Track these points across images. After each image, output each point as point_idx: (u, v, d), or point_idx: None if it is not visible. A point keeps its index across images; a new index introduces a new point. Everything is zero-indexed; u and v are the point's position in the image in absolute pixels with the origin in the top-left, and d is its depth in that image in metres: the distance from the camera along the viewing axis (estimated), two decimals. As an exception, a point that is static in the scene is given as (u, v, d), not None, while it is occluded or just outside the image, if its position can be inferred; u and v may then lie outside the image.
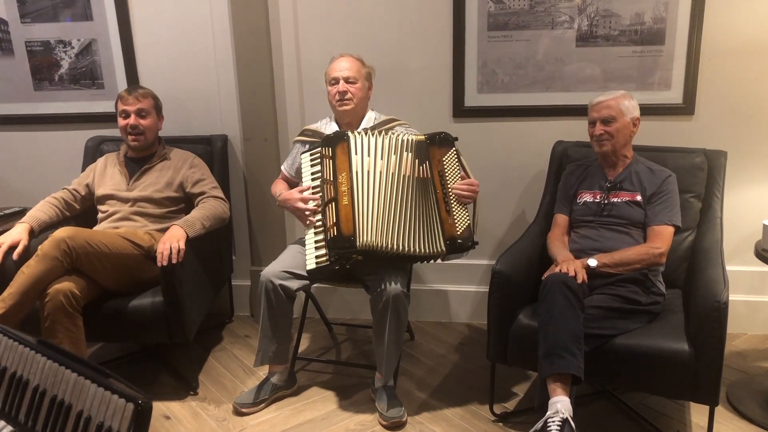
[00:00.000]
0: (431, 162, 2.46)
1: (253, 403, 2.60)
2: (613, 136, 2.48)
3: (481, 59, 3.05)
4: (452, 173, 2.47)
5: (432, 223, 2.43)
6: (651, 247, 2.37)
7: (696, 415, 2.48)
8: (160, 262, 2.46)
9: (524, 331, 2.32)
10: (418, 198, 2.44)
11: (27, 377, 1.38)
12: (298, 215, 2.55)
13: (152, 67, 3.28)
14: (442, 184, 2.45)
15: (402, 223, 2.40)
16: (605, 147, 2.51)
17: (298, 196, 2.52)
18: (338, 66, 2.63)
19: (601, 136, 2.50)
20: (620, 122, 2.48)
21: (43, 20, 3.28)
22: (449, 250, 2.42)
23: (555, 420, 2.01)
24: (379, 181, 2.43)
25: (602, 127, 2.49)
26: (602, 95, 2.53)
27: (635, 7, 2.88)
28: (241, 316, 3.51)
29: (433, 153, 2.47)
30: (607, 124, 2.48)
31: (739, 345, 3.03)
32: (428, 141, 2.49)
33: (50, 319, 2.38)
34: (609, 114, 2.47)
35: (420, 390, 2.75)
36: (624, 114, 2.48)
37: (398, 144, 2.47)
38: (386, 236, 2.38)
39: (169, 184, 2.85)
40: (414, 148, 2.47)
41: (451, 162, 2.49)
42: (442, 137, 2.50)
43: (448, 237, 2.42)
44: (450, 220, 2.42)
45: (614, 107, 2.47)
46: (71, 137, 3.37)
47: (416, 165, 2.46)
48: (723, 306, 2.04)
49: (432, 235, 2.43)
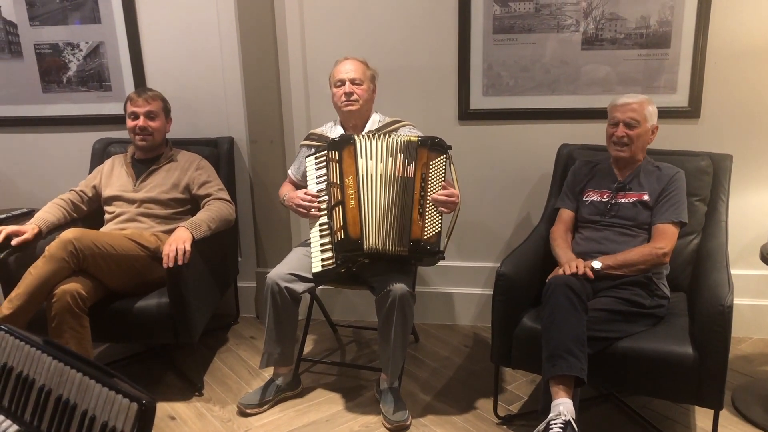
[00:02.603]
0: (417, 163, 2.46)
1: (257, 404, 2.61)
2: (633, 141, 2.46)
3: (487, 62, 3.05)
4: (435, 179, 2.45)
5: (404, 223, 2.43)
6: (654, 247, 2.37)
7: (701, 419, 2.48)
8: (166, 264, 2.47)
9: (528, 333, 2.32)
10: (399, 196, 2.45)
11: (33, 377, 1.39)
12: (300, 210, 2.56)
13: (159, 69, 3.31)
14: (422, 186, 2.44)
15: (389, 222, 2.43)
16: (623, 153, 2.48)
17: (301, 194, 2.55)
18: (343, 68, 2.64)
19: (622, 138, 2.46)
20: (642, 128, 2.45)
21: (52, 23, 3.31)
22: (410, 251, 2.41)
23: (557, 422, 2.01)
24: (381, 183, 2.45)
25: (625, 130, 2.46)
26: (627, 96, 2.49)
27: (641, 10, 2.88)
28: (246, 318, 3.52)
29: (420, 154, 2.46)
30: (630, 127, 2.45)
31: (745, 349, 3.02)
32: (419, 142, 2.48)
33: (57, 319, 2.40)
34: (634, 117, 2.44)
35: (424, 392, 2.75)
36: (647, 120, 2.46)
37: (394, 145, 2.48)
38: (386, 238, 2.40)
39: (176, 185, 2.87)
40: (405, 148, 2.48)
41: (438, 168, 2.46)
42: (436, 142, 2.48)
43: (413, 239, 2.41)
44: (420, 223, 2.41)
45: (639, 111, 2.44)
46: (79, 139, 3.39)
47: (405, 164, 2.46)
48: (727, 310, 2.03)
49: (401, 234, 2.42)
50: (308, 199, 2.55)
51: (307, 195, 2.56)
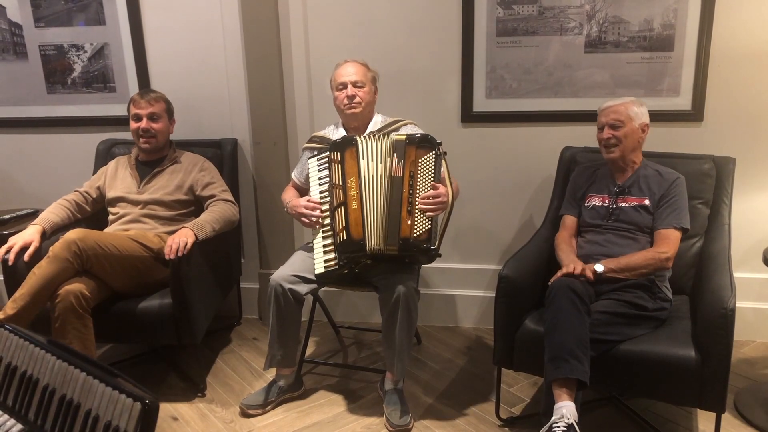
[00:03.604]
0: (405, 161, 2.46)
1: (260, 405, 2.62)
2: (621, 141, 2.48)
3: (490, 64, 3.05)
4: (425, 176, 2.44)
5: (394, 221, 2.43)
6: (657, 252, 2.37)
7: (703, 422, 2.48)
8: (168, 255, 2.49)
9: (531, 336, 2.32)
10: (388, 195, 2.45)
11: (37, 376, 1.40)
12: (303, 219, 2.56)
13: (163, 71, 3.32)
14: (411, 185, 2.44)
15: (380, 222, 2.43)
16: (614, 154, 2.51)
17: (303, 203, 2.55)
18: (345, 71, 2.65)
19: (609, 140, 2.50)
20: (628, 127, 2.48)
21: (57, 24, 3.32)
22: (400, 250, 2.41)
23: (560, 425, 2.01)
24: (379, 184, 2.46)
25: (610, 131, 2.49)
26: (611, 100, 2.54)
27: (644, 13, 2.88)
28: (249, 319, 3.53)
29: (409, 152, 2.47)
30: (614, 128, 2.49)
31: (747, 352, 3.02)
32: (407, 140, 2.48)
33: (61, 319, 2.41)
34: (617, 118, 2.48)
35: (426, 394, 2.75)
36: (632, 119, 2.48)
37: (388, 145, 2.49)
38: (378, 237, 2.41)
39: (179, 187, 2.88)
40: (394, 147, 2.48)
41: (427, 166, 2.45)
42: (426, 138, 2.48)
43: (402, 237, 2.41)
44: (409, 221, 2.41)
45: (622, 112, 2.48)
46: (83, 140, 3.41)
47: (395, 163, 2.47)
48: (730, 313, 2.03)
49: (391, 234, 2.42)
50: (311, 207, 2.54)
51: (309, 203, 2.55)
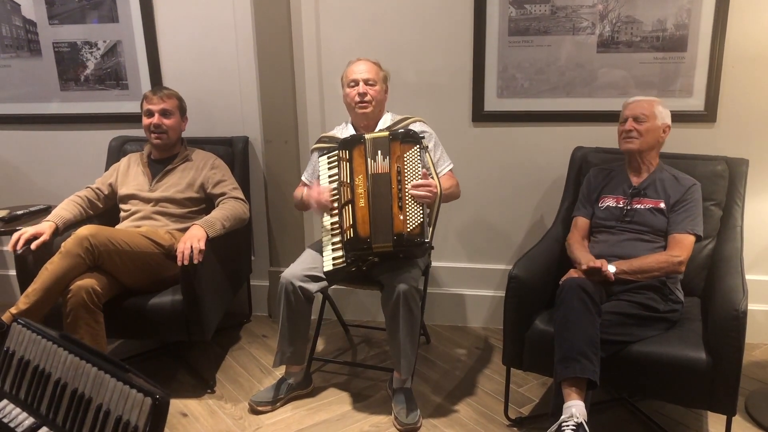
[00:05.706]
0: (391, 157, 2.47)
1: (269, 402, 2.63)
2: (642, 134, 2.48)
3: (502, 64, 3.05)
4: (411, 170, 2.45)
5: (386, 218, 2.43)
6: (671, 255, 2.36)
7: (713, 425, 2.46)
8: (180, 261, 2.49)
9: (540, 336, 2.32)
10: (380, 192, 2.45)
11: (49, 370, 1.41)
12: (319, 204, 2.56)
13: (176, 69, 3.33)
14: (399, 180, 2.44)
15: (374, 219, 2.44)
16: (632, 144, 2.50)
17: (317, 190, 2.56)
18: (357, 69, 2.65)
19: (630, 132, 2.49)
20: (651, 123, 2.48)
21: (70, 22, 3.34)
22: (395, 246, 2.41)
23: (569, 424, 2.00)
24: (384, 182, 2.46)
25: (633, 124, 2.49)
26: (638, 96, 2.55)
27: (657, 13, 2.86)
28: (258, 316, 3.54)
29: (393, 149, 2.47)
30: (638, 122, 2.49)
31: (759, 355, 2.99)
32: (390, 137, 2.49)
33: (72, 314, 2.43)
34: (642, 112, 2.48)
35: (435, 393, 2.75)
36: (656, 117, 2.49)
37: (377, 144, 2.49)
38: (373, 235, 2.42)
39: (191, 184, 2.89)
40: (380, 145, 2.48)
41: (413, 160, 2.46)
42: (409, 134, 2.49)
43: (396, 233, 2.41)
44: (402, 216, 2.41)
45: (648, 108, 2.49)
46: (95, 137, 3.43)
47: (382, 160, 2.47)
48: (741, 315, 2.02)
49: (385, 230, 2.43)
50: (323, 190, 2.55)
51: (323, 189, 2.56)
